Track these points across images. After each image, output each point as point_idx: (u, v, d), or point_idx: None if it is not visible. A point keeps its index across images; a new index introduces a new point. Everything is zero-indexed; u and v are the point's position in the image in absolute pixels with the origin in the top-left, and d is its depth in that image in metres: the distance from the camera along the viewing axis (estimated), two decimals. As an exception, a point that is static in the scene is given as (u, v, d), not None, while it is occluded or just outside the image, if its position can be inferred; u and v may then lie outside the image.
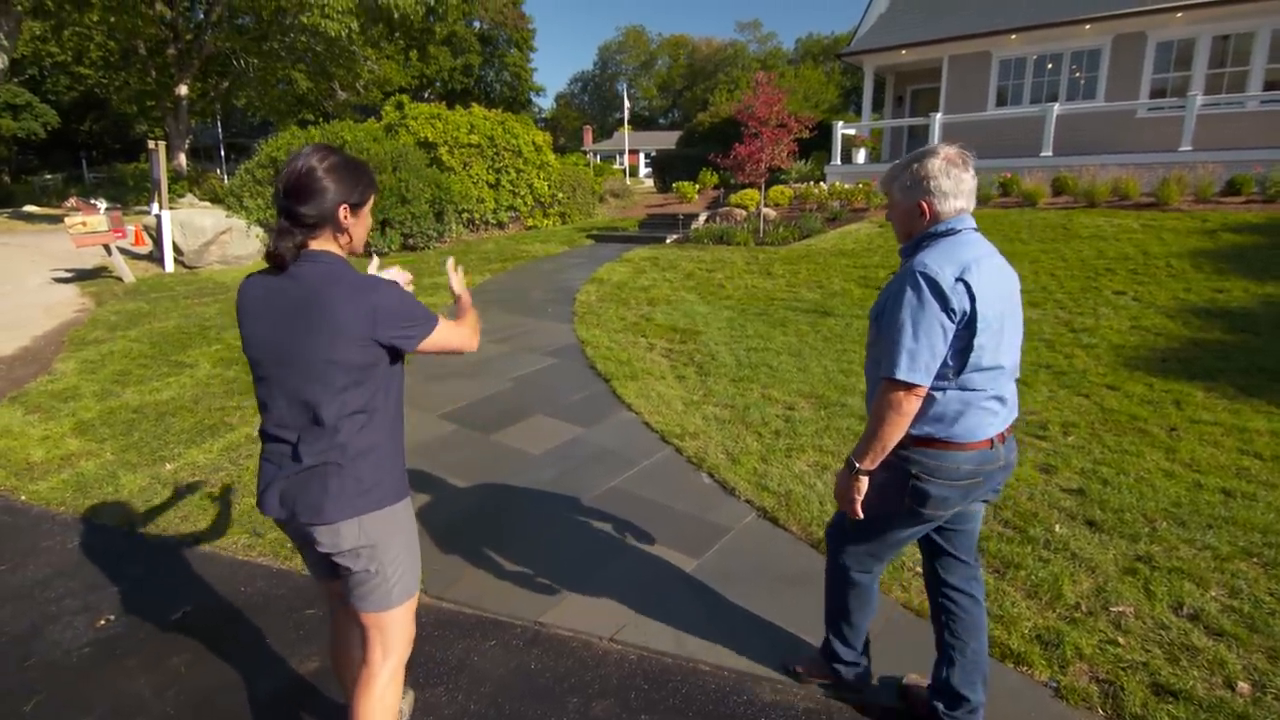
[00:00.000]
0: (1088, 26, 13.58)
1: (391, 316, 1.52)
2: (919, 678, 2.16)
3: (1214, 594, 2.60)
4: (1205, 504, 3.31)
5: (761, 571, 2.77)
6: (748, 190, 14.94)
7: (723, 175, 18.81)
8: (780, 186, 15.07)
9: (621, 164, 36.49)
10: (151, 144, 11.02)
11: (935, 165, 1.73)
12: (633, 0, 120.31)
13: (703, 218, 14.60)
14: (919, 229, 1.78)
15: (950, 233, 1.75)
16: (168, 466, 3.95)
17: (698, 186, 18.13)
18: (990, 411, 1.75)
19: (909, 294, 1.66)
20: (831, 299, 7.84)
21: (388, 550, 1.59)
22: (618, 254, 11.64)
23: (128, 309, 8.13)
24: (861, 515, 1.81)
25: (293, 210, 1.50)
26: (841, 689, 2.14)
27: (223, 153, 33.85)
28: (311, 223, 1.52)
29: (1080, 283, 7.77)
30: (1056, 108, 13.07)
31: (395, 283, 1.58)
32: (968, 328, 1.66)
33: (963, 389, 1.72)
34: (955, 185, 1.73)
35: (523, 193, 15.44)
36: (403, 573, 1.64)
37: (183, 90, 19.63)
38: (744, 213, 14.25)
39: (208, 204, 13.38)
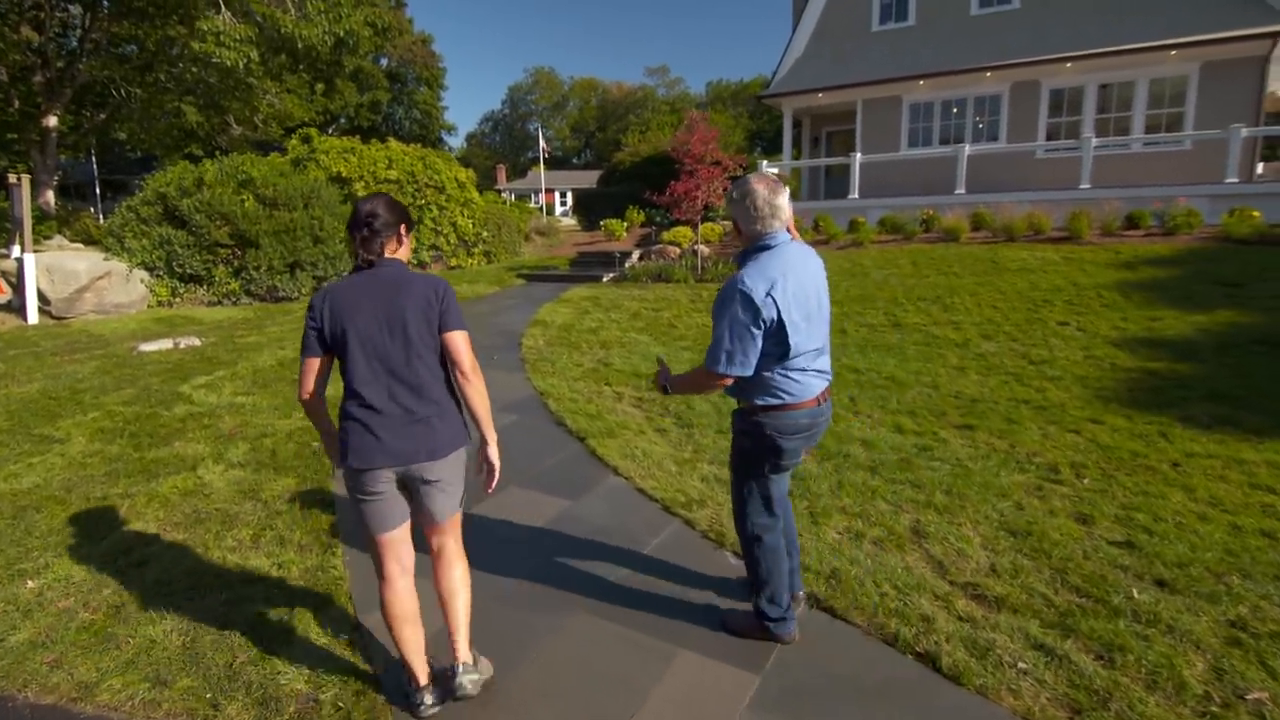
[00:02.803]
0: (988, 74, 14.50)
1: (450, 298, 2.08)
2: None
3: (1332, 665, 2.31)
4: (1256, 550, 3.10)
5: (840, 685, 2.26)
6: (680, 227, 14.83)
7: (649, 213, 18.73)
8: (710, 224, 15.05)
9: (537, 203, 36.10)
10: (12, 178, 9.56)
11: (759, 192, 2.21)
12: (541, 44, 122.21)
13: (636, 255, 14.31)
14: (747, 239, 2.29)
15: (767, 247, 2.22)
16: (29, 584, 3.01)
17: (626, 224, 17.92)
18: (813, 378, 2.26)
19: (729, 305, 2.14)
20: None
21: (463, 472, 2.18)
22: (555, 294, 11.09)
23: (-24, 371, 6.78)
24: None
25: (370, 223, 2.06)
26: (776, 640, 2.43)
27: (98, 190, 30.82)
28: (383, 229, 2.06)
29: (1023, 314, 7.90)
30: (967, 148, 13.78)
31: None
32: (779, 331, 2.13)
33: (786, 370, 2.21)
34: (772, 210, 2.21)
35: (446, 231, 14.65)
36: (465, 485, 2.22)
37: (51, 122, 17.57)
38: (678, 250, 14.08)
39: (80, 246, 11.81)
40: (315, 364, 2.07)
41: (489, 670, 2.32)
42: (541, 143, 35.61)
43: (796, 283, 2.16)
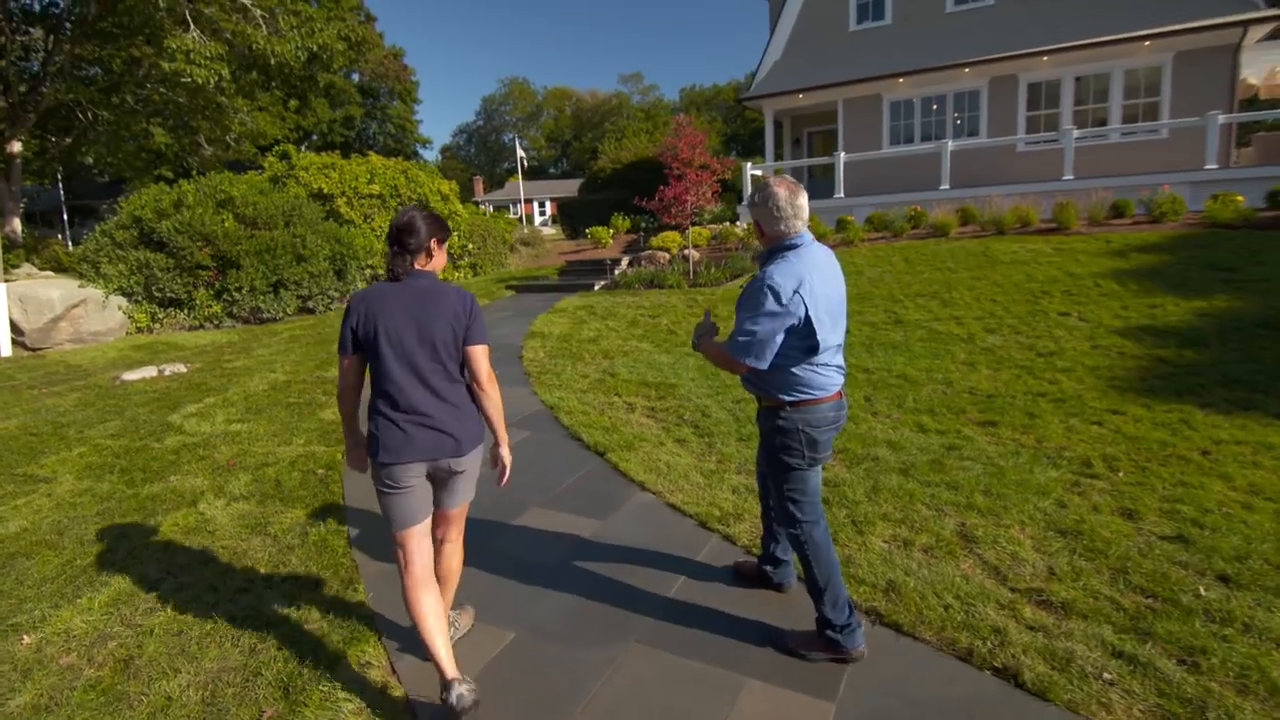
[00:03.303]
0: (966, 70, 14.62)
1: (476, 312, 2.20)
2: (746, 557, 3.02)
3: None
4: (1309, 539, 3.03)
5: (923, 709, 2.11)
6: (669, 233, 14.75)
7: (635, 219, 18.64)
8: (698, 228, 14.97)
9: (516, 213, 35.93)
10: (-23, 206, 9.18)
11: (780, 194, 2.25)
12: (513, 54, 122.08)
13: (625, 262, 14.18)
14: (770, 240, 2.31)
15: (794, 247, 2.26)
16: (26, 640, 2.78)
17: (611, 231, 17.80)
18: (835, 373, 2.34)
19: (756, 300, 2.18)
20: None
21: (478, 465, 2.32)
22: (548, 304, 10.92)
23: (-51, 409, 6.45)
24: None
25: (404, 241, 2.18)
26: (844, 656, 2.32)
27: (65, 217, 30.05)
28: (414, 248, 2.19)
29: (1025, 306, 7.88)
30: (950, 144, 13.85)
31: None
32: (806, 327, 2.18)
33: (813, 366, 2.27)
34: (794, 211, 2.25)
35: (430, 245, 14.41)
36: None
37: (15, 148, 17.05)
38: (667, 255, 13.98)
39: (50, 274, 11.41)
40: (347, 362, 2.22)
41: (469, 622, 2.63)
42: (519, 153, 35.45)
43: (821, 281, 2.23)
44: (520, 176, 35.15)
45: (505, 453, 2.32)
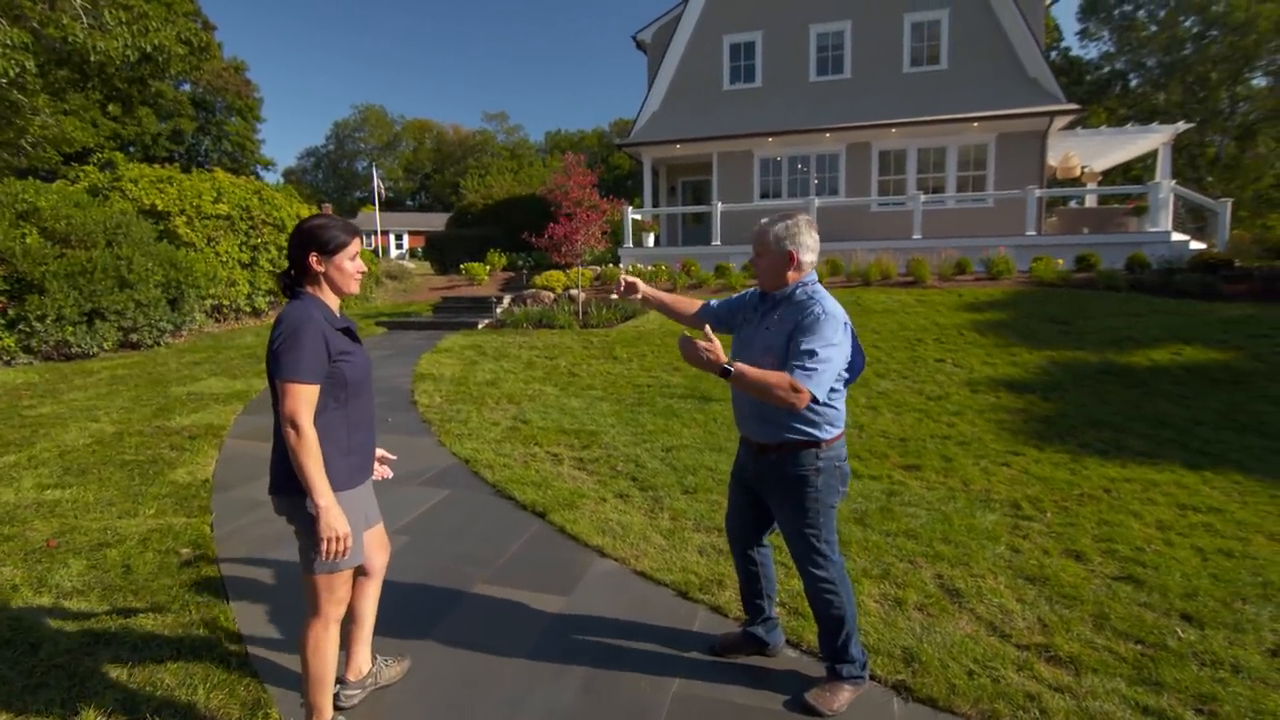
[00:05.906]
0: (827, 135, 15.93)
1: (279, 340, 1.90)
2: (733, 625, 2.77)
3: (1378, 689, 2.40)
4: (1230, 572, 3.30)
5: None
6: (553, 272, 14.43)
7: (512, 256, 18.12)
8: (582, 268, 14.79)
9: (370, 245, 33.89)
10: None
11: (813, 231, 2.26)
12: (369, 80, 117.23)
13: (507, 300, 13.64)
14: (804, 271, 2.24)
15: (814, 280, 2.26)
16: None
17: (488, 268, 17.13)
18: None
19: (826, 327, 2.10)
20: (699, 382, 7.39)
21: (306, 530, 1.96)
22: (430, 343, 10.09)
23: None
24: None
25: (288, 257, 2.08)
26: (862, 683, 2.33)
27: None
28: (292, 264, 2.04)
29: (905, 353, 8.43)
30: (816, 201, 14.91)
31: (316, 329, 1.92)
32: (852, 353, 2.21)
33: (840, 394, 2.25)
34: (814, 243, 2.26)
35: (286, 275, 12.94)
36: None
37: None
38: (551, 294, 13.63)
39: None
40: None
41: None
42: (377, 183, 33.58)
43: None
44: (377, 207, 33.25)
45: (320, 519, 1.87)
